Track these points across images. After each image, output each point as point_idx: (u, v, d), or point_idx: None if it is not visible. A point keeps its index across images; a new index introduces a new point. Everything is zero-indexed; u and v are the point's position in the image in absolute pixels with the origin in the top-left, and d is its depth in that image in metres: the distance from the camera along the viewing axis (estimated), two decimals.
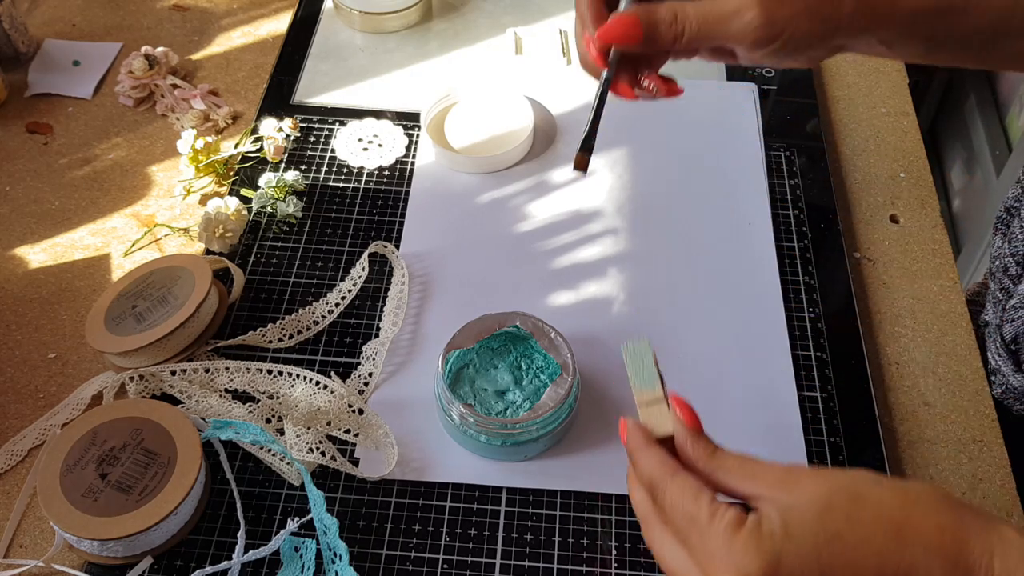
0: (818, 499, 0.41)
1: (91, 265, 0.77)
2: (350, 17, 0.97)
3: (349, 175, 0.83)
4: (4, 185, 0.83)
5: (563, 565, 0.60)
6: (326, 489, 0.63)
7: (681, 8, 0.50)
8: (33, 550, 0.61)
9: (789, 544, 0.41)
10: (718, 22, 0.50)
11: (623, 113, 0.90)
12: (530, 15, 1.00)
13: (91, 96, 0.91)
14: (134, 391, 0.66)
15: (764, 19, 0.49)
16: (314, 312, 0.72)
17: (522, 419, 0.62)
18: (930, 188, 0.84)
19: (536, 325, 0.66)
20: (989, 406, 0.69)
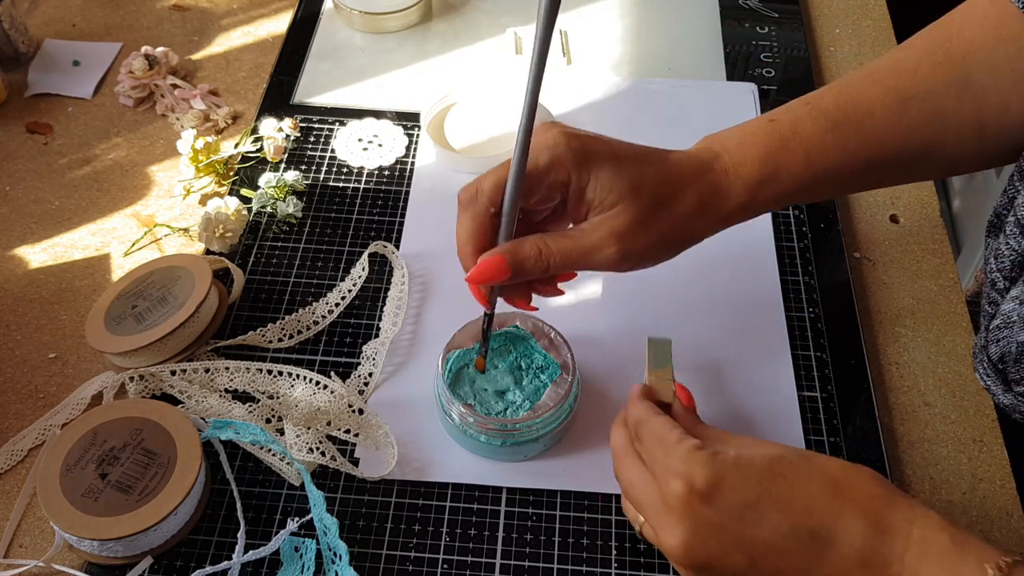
0: (774, 452, 0.49)
1: (91, 265, 0.77)
2: (350, 17, 0.97)
3: (349, 175, 0.83)
4: (4, 185, 0.83)
5: (563, 565, 0.60)
6: (326, 489, 0.63)
7: (545, 245, 0.55)
8: (33, 550, 0.61)
9: (737, 470, 0.48)
10: (581, 257, 0.55)
11: (623, 112, 0.90)
12: (530, 15, 0.99)
13: (91, 96, 0.91)
14: (134, 391, 0.66)
15: (622, 254, 0.55)
16: (314, 312, 0.72)
17: (522, 419, 0.62)
18: (930, 188, 0.84)
19: (536, 325, 0.66)
20: (989, 406, 0.69)
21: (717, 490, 0.47)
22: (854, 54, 0.97)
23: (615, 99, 0.91)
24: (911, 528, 0.46)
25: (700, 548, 0.48)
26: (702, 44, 0.96)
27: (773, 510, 0.47)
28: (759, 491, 0.47)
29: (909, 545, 0.45)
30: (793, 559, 0.47)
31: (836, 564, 0.46)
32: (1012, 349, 0.57)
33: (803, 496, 0.47)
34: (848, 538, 0.46)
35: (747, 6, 1.01)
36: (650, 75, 0.93)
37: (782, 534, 0.47)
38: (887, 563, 0.45)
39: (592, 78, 0.93)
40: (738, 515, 0.47)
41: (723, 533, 0.47)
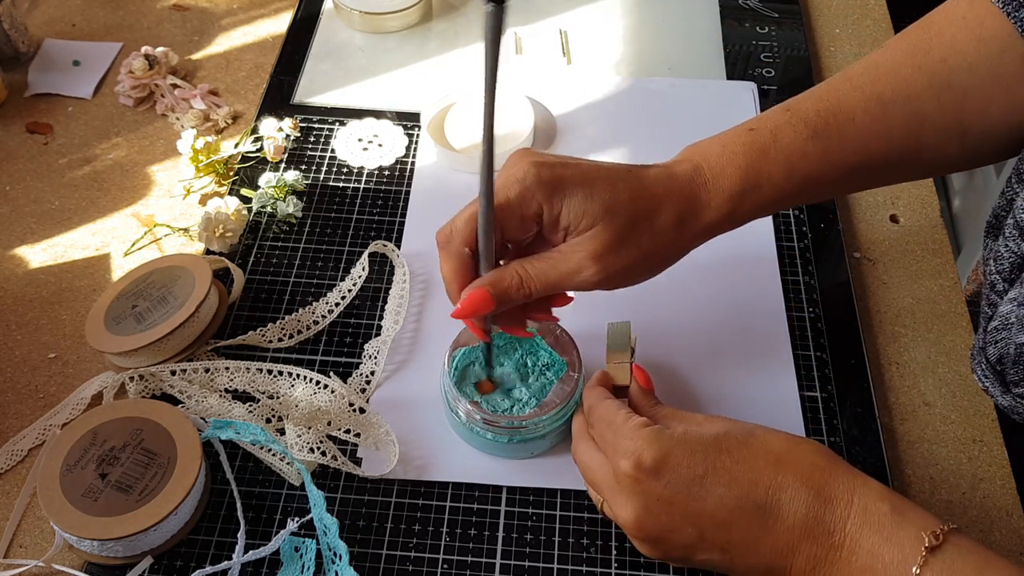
0: (719, 428, 0.52)
1: (91, 265, 0.77)
2: (350, 17, 0.97)
3: (349, 175, 0.83)
4: (4, 185, 0.83)
5: (563, 565, 0.60)
6: (326, 489, 0.63)
7: (524, 272, 0.56)
8: (33, 550, 0.61)
9: (683, 446, 0.51)
10: (560, 280, 0.56)
11: (623, 112, 0.90)
12: (530, 15, 1.00)
13: (91, 96, 0.91)
14: (134, 391, 0.66)
15: (602, 274, 0.56)
16: (314, 312, 0.72)
17: (529, 416, 0.62)
18: (930, 188, 0.84)
19: (541, 322, 0.66)
20: (989, 406, 0.69)
21: (664, 466, 0.50)
22: (854, 54, 0.97)
23: (615, 99, 0.91)
24: (852, 497, 0.48)
25: (651, 521, 0.51)
26: (702, 44, 0.96)
27: (719, 484, 0.49)
28: (705, 466, 0.50)
29: (851, 514, 0.47)
30: (740, 530, 0.49)
31: (781, 534, 0.48)
32: (1010, 351, 0.57)
33: (748, 470, 0.49)
34: (792, 508, 0.48)
35: (747, 6, 1.01)
36: (650, 75, 0.93)
37: (728, 507, 0.49)
38: (829, 532, 0.48)
39: (592, 78, 0.93)
40: (685, 489, 0.50)
41: (671, 508, 0.50)
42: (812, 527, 0.48)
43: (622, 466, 0.51)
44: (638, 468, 0.50)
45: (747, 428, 0.52)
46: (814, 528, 0.48)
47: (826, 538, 0.48)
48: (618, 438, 0.52)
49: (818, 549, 0.48)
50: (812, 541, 0.48)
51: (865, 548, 0.47)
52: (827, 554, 0.48)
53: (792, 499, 0.48)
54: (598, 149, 0.86)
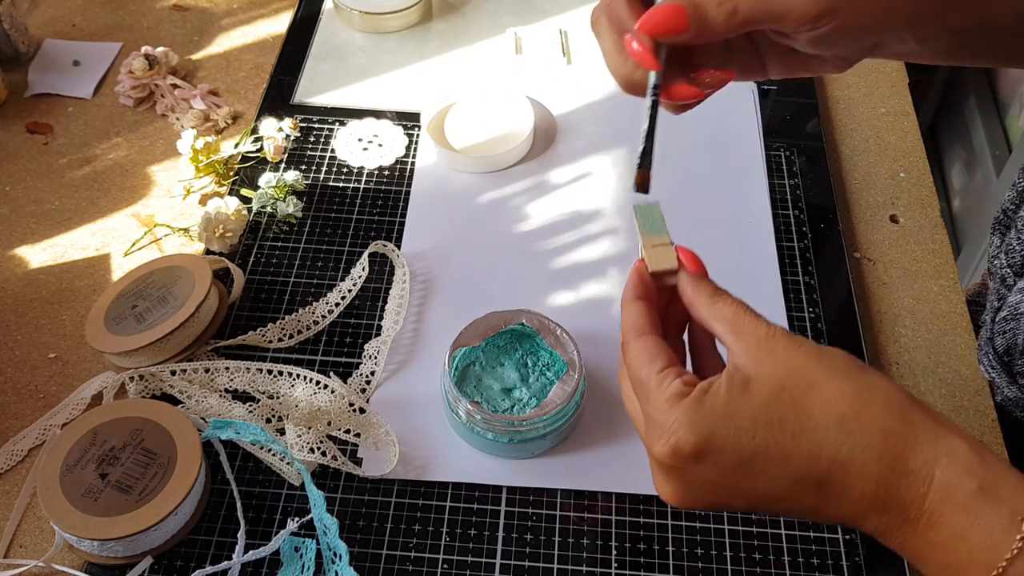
0: (774, 380, 0.42)
1: (91, 265, 0.77)
2: (350, 17, 0.97)
3: (349, 175, 0.83)
4: (4, 185, 0.83)
5: (563, 565, 0.60)
6: (326, 489, 0.63)
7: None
8: (33, 550, 0.61)
9: (727, 422, 0.42)
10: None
11: (623, 112, 0.90)
12: (530, 15, 1.00)
13: (91, 96, 0.91)
14: (134, 391, 0.66)
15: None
16: (314, 312, 0.72)
17: (529, 416, 0.62)
18: (930, 188, 0.84)
19: (542, 322, 0.66)
20: (989, 406, 0.69)
21: (706, 451, 0.42)
22: None
23: (615, 99, 0.91)
24: (933, 471, 0.41)
25: (694, 500, 0.45)
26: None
27: (771, 464, 0.42)
28: (754, 446, 0.42)
29: (930, 490, 0.41)
30: (798, 503, 0.43)
31: (847, 506, 0.42)
32: (1018, 341, 0.56)
33: (806, 442, 0.41)
34: (859, 484, 0.41)
35: None
36: None
37: (784, 486, 0.42)
38: (904, 507, 0.41)
39: (592, 78, 0.93)
40: (733, 473, 0.43)
41: (717, 487, 0.43)
42: (883, 502, 0.41)
43: (657, 450, 0.43)
44: (675, 456, 0.43)
45: (807, 377, 0.42)
46: (886, 503, 0.41)
47: (900, 512, 0.41)
48: (651, 408, 0.44)
49: (890, 519, 0.41)
50: (883, 512, 0.41)
51: (946, 528, 0.40)
52: (901, 525, 0.41)
53: (859, 474, 0.41)
54: (598, 149, 0.86)
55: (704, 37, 0.46)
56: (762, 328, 0.43)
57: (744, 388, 0.42)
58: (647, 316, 0.46)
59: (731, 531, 0.62)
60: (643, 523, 0.62)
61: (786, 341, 0.43)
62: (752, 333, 0.43)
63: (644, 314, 0.46)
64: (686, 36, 0.45)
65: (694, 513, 0.62)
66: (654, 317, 0.46)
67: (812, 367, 0.42)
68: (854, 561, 0.60)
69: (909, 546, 0.41)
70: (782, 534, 0.61)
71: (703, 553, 0.61)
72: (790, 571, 0.60)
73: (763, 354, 0.42)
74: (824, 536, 0.61)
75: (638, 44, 0.47)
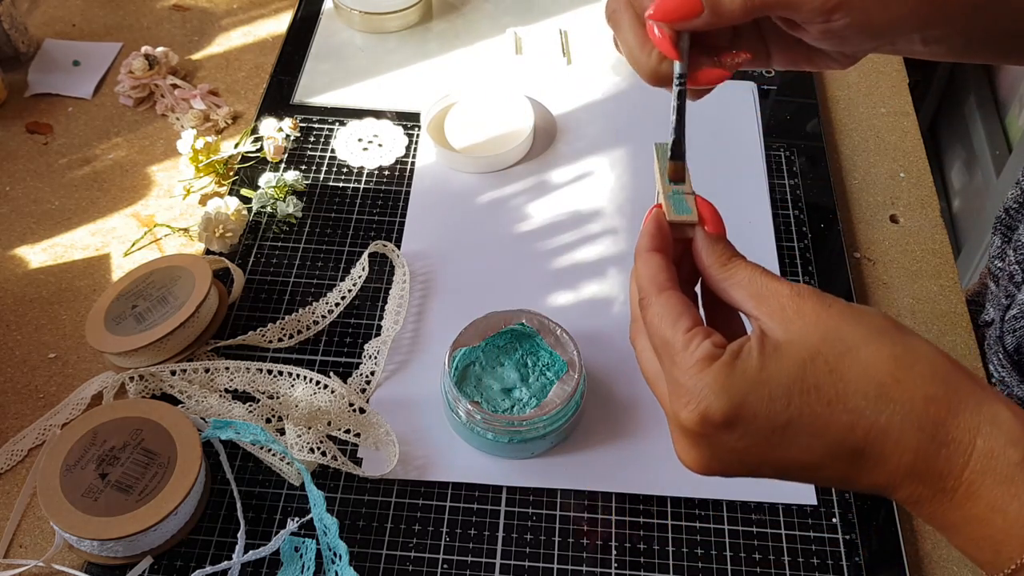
0: (808, 344, 0.39)
1: (91, 265, 0.77)
2: (350, 17, 0.97)
3: (349, 175, 0.83)
4: (4, 185, 0.83)
5: (563, 565, 0.60)
6: (326, 489, 0.63)
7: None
8: (33, 550, 0.61)
9: (760, 389, 0.39)
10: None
11: (623, 112, 0.90)
12: (530, 15, 1.00)
13: (91, 96, 0.91)
14: (134, 391, 0.66)
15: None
16: (314, 312, 0.72)
17: (529, 416, 0.62)
18: (930, 188, 0.84)
19: (542, 322, 0.66)
20: None
21: (737, 419, 0.39)
22: None
23: (615, 99, 0.91)
24: (975, 439, 0.38)
25: (721, 468, 0.42)
26: None
27: (805, 433, 0.39)
28: (788, 414, 0.39)
29: (971, 460, 0.38)
30: (830, 471, 0.40)
31: (881, 475, 0.39)
32: None
33: (842, 411, 0.39)
34: (896, 453, 0.39)
35: None
36: None
37: (818, 453, 0.40)
38: (940, 476, 0.39)
39: (592, 78, 0.93)
40: (764, 441, 0.40)
41: (746, 456, 0.41)
42: (920, 471, 0.39)
43: (683, 416, 0.40)
44: (704, 423, 0.40)
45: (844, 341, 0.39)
46: (922, 473, 0.39)
47: (936, 481, 0.39)
48: (677, 371, 0.40)
49: (924, 490, 0.39)
50: (918, 482, 0.39)
51: (984, 500, 0.38)
52: (936, 495, 0.39)
53: (897, 444, 0.38)
54: (598, 149, 0.86)
55: (719, 22, 0.45)
56: (785, 289, 0.40)
57: (776, 353, 0.39)
58: (667, 269, 0.43)
59: (731, 531, 0.62)
60: (643, 523, 0.62)
61: (815, 301, 0.40)
62: (774, 296, 0.41)
63: (664, 267, 0.43)
64: (700, 20, 0.44)
65: (694, 513, 0.62)
66: (673, 271, 0.43)
67: (848, 329, 0.39)
68: (854, 561, 0.60)
69: (941, 517, 0.39)
70: (782, 534, 0.62)
71: (703, 553, 0.61)
72: (790, 571, 0.60)
73: (791, 316, 0.40)
74: (824, 536, 0.61)
75: (658, 31, 0.45)
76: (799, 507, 0.63)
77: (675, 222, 0.43)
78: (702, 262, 0.43)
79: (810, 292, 0.40)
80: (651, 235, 0.43)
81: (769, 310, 0.40)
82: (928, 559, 0.62)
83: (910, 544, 0.62)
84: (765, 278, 0.41)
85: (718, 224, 0.43)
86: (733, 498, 0.63)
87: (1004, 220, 0.73)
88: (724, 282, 0.42)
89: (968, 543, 0.39)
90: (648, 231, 0.44)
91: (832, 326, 0.39)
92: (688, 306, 0.41)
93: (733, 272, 0.42)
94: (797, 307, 0.40)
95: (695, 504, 0.63)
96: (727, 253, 0.43)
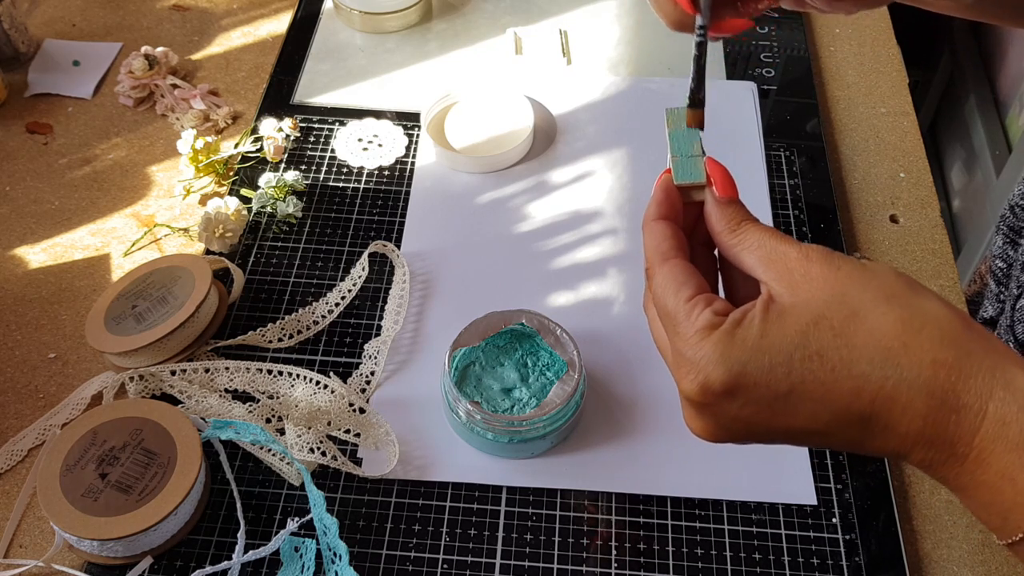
0: (812, 309, 0.38)
1: (91, 265, 0.77)
2: (350, 17, 0.97)
3: (349, 175, 0.83)
4: (4, 185, 0.83)
5: (563, 565, 0.60)
6: (326, 489, 0.63)
7: None
8: (33, 550, 0.61)
9: (761, 357, 0.38)
10: None
11: (623, 112, 0.90)
12: (530, 15, 1.00)
13: (91, 96, 0.91)
14: (134, 391, 0.66)
15: None
16: (314, 312, 0.72)
17: (529, 416, 0.62)
18: (930, 188, 0.84)
19: (542, 322, 0.66)
20: None
21: (737, 388, 0.39)
22: (854, 54, 0.97)
23: (615, 99, 0.91)
24: (986, 405, 0.37)
25: (727, 436, 0.41)
26: None
27: (809, 400, 0.38)
28: (790, 381, 0.38)
29: (981, 426, 0.37)
30: (838, 438, 0.39)
31: (890, 441, 0.39)
32: None
33: (847, 377, 0.38)
34: (906, 420, 0.38)
35: None
36: (650, 75, 0.93)
37: (823, 421, 0.39)
38: (951, 443, 0.38)
39: (592, 78, 0.93)
40: (767, 408, 0.39)
41: (751, 425, 0.40)
42: (930, 437, 0.38)
43: (685, 386, 0.40)
44: (705, 392, 0.39)
45: (850, 304, 0.38)
46: (932, 439, 0.38)
47: (946, 448, 0.38)
48: (679, 341, 0.40)
49: (935, 454, 0.38)
50: (928, 447, 0.38)
51: (994, 467, 0.37)
52: (947, 460, 0.38)
53: (906, 409, 0.37)
54: (598, 149, 0.86)
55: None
56: (793, 251, 0.39)
57: (780, 319, 0.38)
58: (672, 238, 0.42)
59: (731, 531, 0.62)
60: (643, 523, 0.62)
61: (823, 263, 0.39)
62: (782, 259, 0.40)
63: (669, 235, 0.42)
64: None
65: (694, 513, 0.62)
66: (680, 238, 0.43)
67: (855, 292, 0.38)
68: (854, 561, 0.60)
69: (953, 480, 0.39)
70: (782, 534, 0.62)
71: (703, 553, 0.61)
72: (790, 571, 0.60)
73: (798, 280, 0.39)
74: (824, 536, 0.61)
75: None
76: (799, 507, 0.63)
77: (683, 186, 0.42)
78: (712, 227, 0.42)
79: (819, 254, 0.39)
80: (658, 203, 0.43)
81: (777, 274, 0.39)
82: (928, 559, 0.62)
83: (910, 544, 0.62)
84: (774, 241, 0.40)
85: (729, 187, 0.43)
86: (733, 498, 0.63)
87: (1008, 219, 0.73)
88: (735, 247, 0.41)
89: (978, 507, 0.38)
90: (655, 197, 0.43)
91: (839, 290, 0.38)
92: (692, 274, 0.41)
93: (743, 236, 0.41)
94: (804, 270, 0.39)
95: (695, 504, 0.63)
96: (737, 217, 0.42)
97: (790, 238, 0.40)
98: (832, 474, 0.64)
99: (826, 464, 0.65)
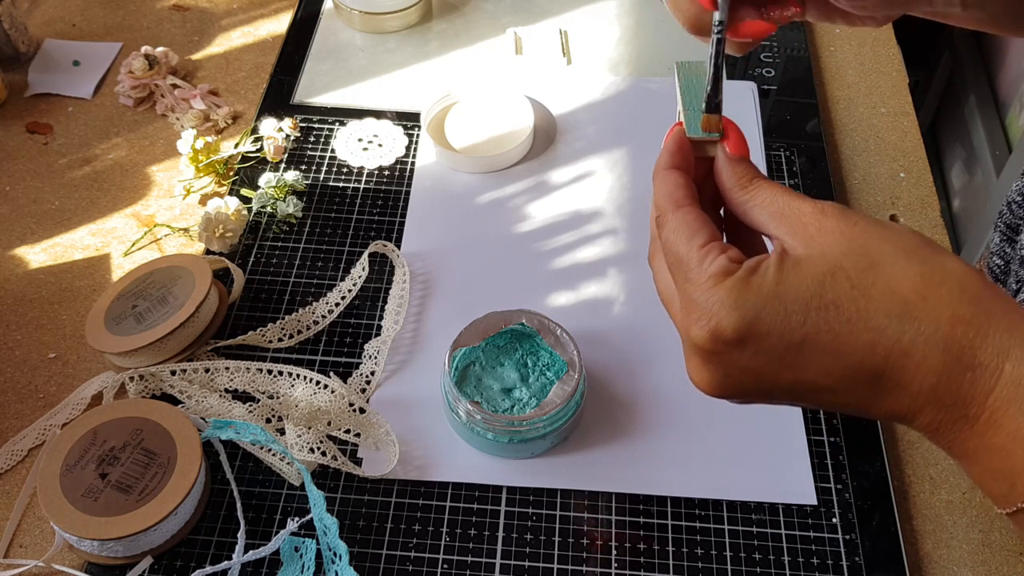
0: (829, 259, 0.37)
1: (91, 265, 0.77)
2: (350, 17, 0.97)
3: (349, 175, 0.83)
4: (4, 185, 0.83)
5: (563, 565, 0.60)
6: (326, 489, 0.63)
7: None
8: (33, 550, 0.61)
9: (775, 304, 0.37)
10: None
11: (623, 112, 0.90)
12: (530, 15, 1.00)
13: (91, 96, 0.91)
14: (134, 391, 0.66)
15: None
16: (314, 312, 0.72)
17: (529, 416, 0.62)
18: (930, 188, 0.84)
19: (542, 322, 0.66)
20: None
21: (749, 336, 0.38)
22: (854, 54, 0.97)
23: (615, 99, 0.91)
24: (1003, 364, 0.36)
25: (732, 389, 0.40)
26: (702, 44, 0.96)
27: (822, 352, 0.37)
28: (804, 331, 0.37)
29: (997, 385, 0.36)
30: (847, 395, 0.38)
31: (901, 399, 0.38)
32: None
33: (863, 330, 0.37)
34: (919, 376, 0.37)
35: None
36: (650, 75, 0.93)
37: (835, 375, 0.38)
38: (963, 403, 0.37)
39: (592, 78, 0.93)
40: (778, 359, 0.38)
41: (760, 378, 0.39)
42: (942, 396, 0.37)
43: (694, 333, 0.38)
44: (715, 340, 0.38)
45: (868, 256, 0.37)
46: (944, 397, 0.37)
47: (958, 408, 0.37)
48: (690, 287, 0.39)
49: (945, 415, 0.37)
50: (939, 407, 0.37)
51: (1006, 429, 0.36)
52: (956, 422, 0.37)
53: (920, 365, 0.36)
54: (598, 149, 0.86)
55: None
56: (807, 206, 0.39)
57: (795, 268, 0.37)
58: (685, 187, 0.41)
59: (731, 531, 0.62)
60: (643, 523, 0.62)
61: (839, 218, 0.38)
62: (796, 215, 0.39)
63: (682, 184, 0.41)
64: None
65: (694, 513, 0.62)
66: (692, 188, 0.42)
67: (874, 245, 0.38)
68: (854, 561, 0.60)
69: (960, 444, 0.38)
70: (782, 534, 0.62)
71: (703, 553, 0.61)
72: (790, 571, 0.60)
73: (813, 233, 0.38)
74: (824, 536, 0.61)
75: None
76: (799, 507, 0.63)
77: (695, 139, 0.41)
78: (723, 183, 0.42)
79: (835, 210, 0.39)
80: (670, 152, 0.42)
81: (791, 228, 0.39)
82: (928, 559, 0.62)
83: (910, 544, 0.62)
84: (787, 196, 0.40)
85: (741, 145, 0.42)
86: (733, 498, 0.63)
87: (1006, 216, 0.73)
88: (745, 204, 0.41)
89: (984, 473, 0.37)
90: (667, 148, 0.42)
91: (858, 242, 0.37)
92: (705, 222, 0.40)
93: (755, 193, 0.41)
94: (820, 224, 0.38)
95: (695, 504, 0.63)
96: (749, 174, 0.41)
97: (803, 195, 0.39)
98: (832, 474, 0.64)
99: (826, 464, 0.65)
